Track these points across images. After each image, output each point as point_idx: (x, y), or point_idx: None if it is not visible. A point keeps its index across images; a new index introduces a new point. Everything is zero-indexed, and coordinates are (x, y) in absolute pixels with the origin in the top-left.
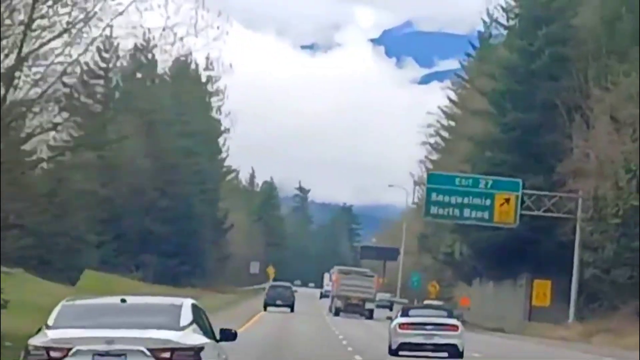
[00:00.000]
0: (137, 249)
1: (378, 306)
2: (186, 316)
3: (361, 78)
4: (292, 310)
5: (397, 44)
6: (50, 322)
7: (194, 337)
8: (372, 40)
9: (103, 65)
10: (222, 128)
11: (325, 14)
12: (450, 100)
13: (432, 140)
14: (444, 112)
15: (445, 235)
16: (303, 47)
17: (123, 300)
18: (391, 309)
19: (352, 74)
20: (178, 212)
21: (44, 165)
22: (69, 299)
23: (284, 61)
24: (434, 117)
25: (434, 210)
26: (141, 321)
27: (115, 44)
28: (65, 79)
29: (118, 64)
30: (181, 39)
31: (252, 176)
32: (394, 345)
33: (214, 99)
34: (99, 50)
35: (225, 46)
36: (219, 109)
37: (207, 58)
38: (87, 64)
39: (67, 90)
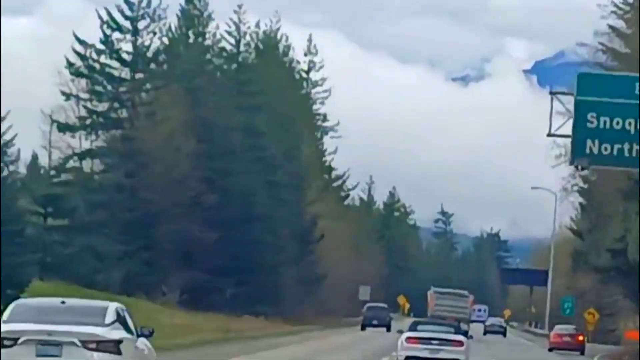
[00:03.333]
0: (174, 264)
1: (489, 332)
2: (110, 316)
3: (514, 108)
4: (388, 330)
5: (550, 74)
6: (4, 317)
7: (115, 333)
8: (525, 71)
9: (130, 13)
10: (325, 124)
11: (476, 46)
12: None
13: None
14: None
15: (609, 224)
16: (454, 79)
17: (62, 302)
18: (504, 335)
19: (505, 105)
20: (235, 213)
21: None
22: (20, 300)
23: (436, 92)
24: None
25: (590, 146)
26: (75, 319)
27: None
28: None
29: (151, 12)
30: None
31: (370, 187)
32: (400, 358)
33: (316, 90)
34: None
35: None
36: (322, 101)
37: (309, 40)
38: (108, 11)
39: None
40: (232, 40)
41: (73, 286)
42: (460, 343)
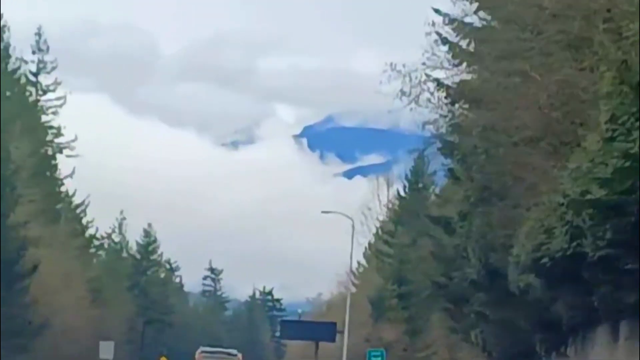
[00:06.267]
0: None
1: None
2: None
3: (284, 173)
4: None
5: (319, 139)
6: None
7: None
8: (294, 136)
9: None
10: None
11: (245, 111)
12: None
13: None
14: None
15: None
16: (224, 144)
17: None
18: None
19: (275, 169)
20: None
21: None
22: None
23: (205, 156)
24: None
25: None
26: None
27: None
28: None
29: None
30: None
31: (121, 225)
32: None
33: (48, 97)
34: None
35: None
36: (55, 110)
37: (39, 34)
38: None
39: None
40: None
41: None
42: None
